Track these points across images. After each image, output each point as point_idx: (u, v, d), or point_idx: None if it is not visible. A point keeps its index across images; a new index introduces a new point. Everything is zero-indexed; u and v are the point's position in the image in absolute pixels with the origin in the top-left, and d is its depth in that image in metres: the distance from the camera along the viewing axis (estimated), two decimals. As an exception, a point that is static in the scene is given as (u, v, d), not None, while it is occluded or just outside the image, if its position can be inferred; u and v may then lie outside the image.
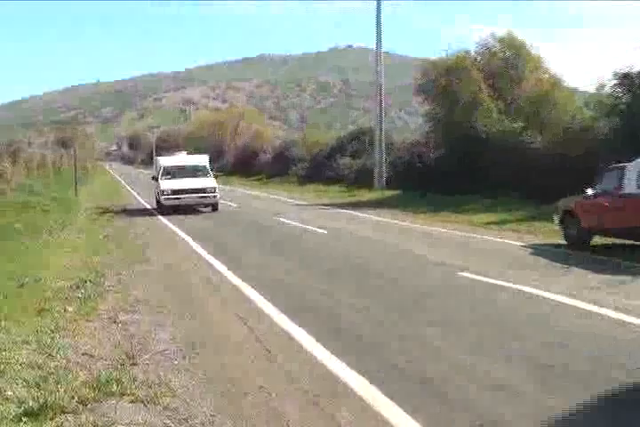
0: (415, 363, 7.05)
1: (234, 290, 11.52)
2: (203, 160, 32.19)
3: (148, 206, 31.98)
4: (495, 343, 7.72)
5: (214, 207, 29.14)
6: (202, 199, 28.91)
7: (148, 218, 26.72)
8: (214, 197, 28.81)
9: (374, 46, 40.46)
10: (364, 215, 26.36)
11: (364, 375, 6.61)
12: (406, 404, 5.85)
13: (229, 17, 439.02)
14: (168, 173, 30.04)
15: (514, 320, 8.90)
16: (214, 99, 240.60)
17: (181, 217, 26.33)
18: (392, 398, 5.99)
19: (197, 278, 12.87)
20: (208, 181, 29.30)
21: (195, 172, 30.41)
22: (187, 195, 28.49)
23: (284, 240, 18.99)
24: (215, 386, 6.51)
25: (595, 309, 9.26)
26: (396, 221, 23.70)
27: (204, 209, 29.48)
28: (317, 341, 7.92)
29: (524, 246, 16.48)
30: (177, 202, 28.57)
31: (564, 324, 8.62)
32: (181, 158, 33.12)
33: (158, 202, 29.81)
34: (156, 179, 30.59)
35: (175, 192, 28.46)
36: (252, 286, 11.53)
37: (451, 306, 9.88)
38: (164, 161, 31.96)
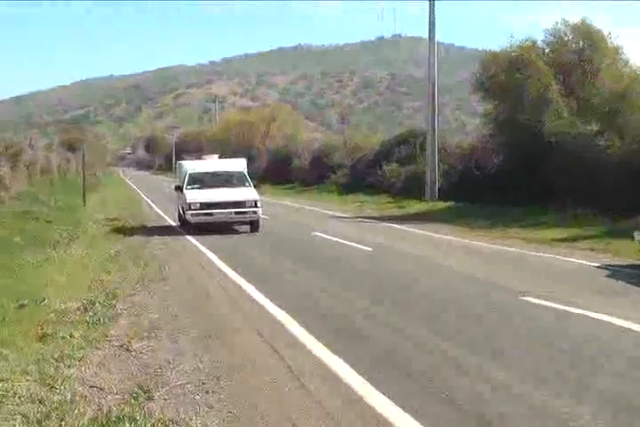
0: (486, 403, 6.93)
1: (253, 303, 11.52)
2: (239, 165, 29.42)
3: (171, 221, 30.52)
4: (572, 380, 7.61)
5: (254, 226, 25.81)
6: (239, 215, 25.68)
7: (165, 229, 26.86)
8: (254, 212, 25.50)
9: (427, 35, 40.43)
10: (414, 230, 26.31)
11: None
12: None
13: (260, 4, 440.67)
14: (196, 182, 27.12)
15: (590, 354, 8.76)
16: (242, 96, 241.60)
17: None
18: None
19: (222, 298, 12.98)
20: (247, 192, 26.33)
21: (230, 180, 27.43)
22: (220, 209, 25.29)
23: (323, 259, 19.07)
24: (242, 427, 6.44)
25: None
26: (450, 237, 23.62)
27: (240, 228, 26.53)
28: (367, 381, 7.66)
29: (598, 267, 16.32)
30: (208, 219, 25.39)
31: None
32: (212, 163, 30.17)
33: (181, 218, 27.62)
34: (179, 189, 27.79)
35: (205, 206, 25.25)
36: (289, 313, 11.46)
37: (514, 335, 9.82)
38: (191, 166, 29.31)
